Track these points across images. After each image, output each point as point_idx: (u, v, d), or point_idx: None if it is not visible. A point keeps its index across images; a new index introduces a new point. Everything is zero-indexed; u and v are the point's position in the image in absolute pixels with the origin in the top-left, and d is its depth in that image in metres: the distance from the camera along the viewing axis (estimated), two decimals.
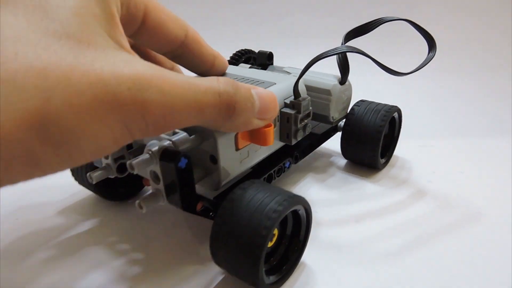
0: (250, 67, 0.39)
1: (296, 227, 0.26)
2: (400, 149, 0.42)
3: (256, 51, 0.43)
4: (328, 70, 0.36)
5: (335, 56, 0.31)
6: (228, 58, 0.42)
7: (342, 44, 0.33)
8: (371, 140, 0.35)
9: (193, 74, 0.28)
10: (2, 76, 0.12)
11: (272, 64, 0.42)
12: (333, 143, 0.41)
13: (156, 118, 0.16)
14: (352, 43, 0.31)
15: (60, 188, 0.36)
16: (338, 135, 0.39)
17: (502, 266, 0.27)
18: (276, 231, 0.25)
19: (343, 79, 0.35)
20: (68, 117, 0.13)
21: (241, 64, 0.42)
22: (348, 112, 0.38)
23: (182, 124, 0.18)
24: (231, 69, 0.33)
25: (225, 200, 0.23)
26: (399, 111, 0.38)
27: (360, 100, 0.38)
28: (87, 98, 0.14)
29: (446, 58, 0.65)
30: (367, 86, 0.58)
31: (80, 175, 0.32)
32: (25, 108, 0.13)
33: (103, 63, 0.14)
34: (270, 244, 0.25)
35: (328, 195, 0.35)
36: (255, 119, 0.22)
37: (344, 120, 0.38)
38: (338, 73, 0.35)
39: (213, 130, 0.24)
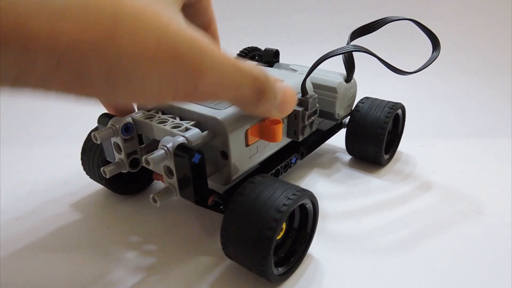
0: (256, 65, 0.40)
1: (303, 220, 0.27)
2: (400, 149, 0.43)
3: (262, 48, 0.44)
4: (333, 68, 0.37)
5: (341, 54, 0.31)
6: (235, 56, 0.43)
7: (348, 42, 0.33)
8: (376, 137, 0.36)
9: None
10: None
11: (278, 61, 0.42)
12: (338, 140, 0.42)
13: (204, 85, 0.17)
14: (358, 41, 0.32)
15: (67, 183, 0.37)
16: (342, 132, 0.40)
17: (502, 265, 0.27)
18: (284, 224, 0.26)
19: (349, 77, 0.36)
20: (129, 45, 0.14)
21: (248, 62, 0.43)
22: (352, 109, 0.38)
23: (221, 96, 0.19)
24: None
25: (235, 194, 0.24)
26: (402, 107, 0.39)
27: (365, 97, 0.39)
28: (151, 38, 0.15)
29: (447, 58, 0.64)
30: (368, 85, 0.57)
31: (91, 170, 0.33)
32: (98, 22, 0.13)
33: (171, 16, 0.16)
34: (278, 237, 0.26)
35: (334, 189, 0.36)
36: (275, 110, 0.23)
37: (348, 117, 0.38)
38: (343, 71, 0.36)
39: (225, 126, 0.24)
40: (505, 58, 0.68)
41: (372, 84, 0.57)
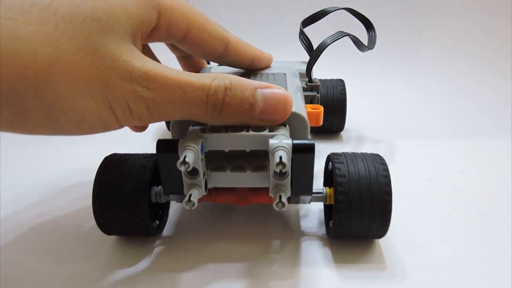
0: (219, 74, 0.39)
1: None
2: (401, 148, 0.43)
3: None
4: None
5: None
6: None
7: (300, 29, 0.37)
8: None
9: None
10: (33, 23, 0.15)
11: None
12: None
13: (139, 108, 0.18)
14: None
15: (68, 184, 0.37)
16: None
17: (502, 265, 0.27)
18: None
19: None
20: (63, 83, 0.16)
21: (202, 75, 0.41)
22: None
23: (168, 117, 0.20)
24: None
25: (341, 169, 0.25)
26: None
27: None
28: (84, 73, 0.16)
29: (447, 58, 0.70)
30: (369, 86, 0.61)
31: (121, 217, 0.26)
32: (33, 66, 0.15)
33: (110, 49, 0.17)
34: None
35: None
36: (256, 120, 0.21)
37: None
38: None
39: (303, 116, 0.24)
40: (505, 58, 0.67)
41: (370, 86, 0.61)
